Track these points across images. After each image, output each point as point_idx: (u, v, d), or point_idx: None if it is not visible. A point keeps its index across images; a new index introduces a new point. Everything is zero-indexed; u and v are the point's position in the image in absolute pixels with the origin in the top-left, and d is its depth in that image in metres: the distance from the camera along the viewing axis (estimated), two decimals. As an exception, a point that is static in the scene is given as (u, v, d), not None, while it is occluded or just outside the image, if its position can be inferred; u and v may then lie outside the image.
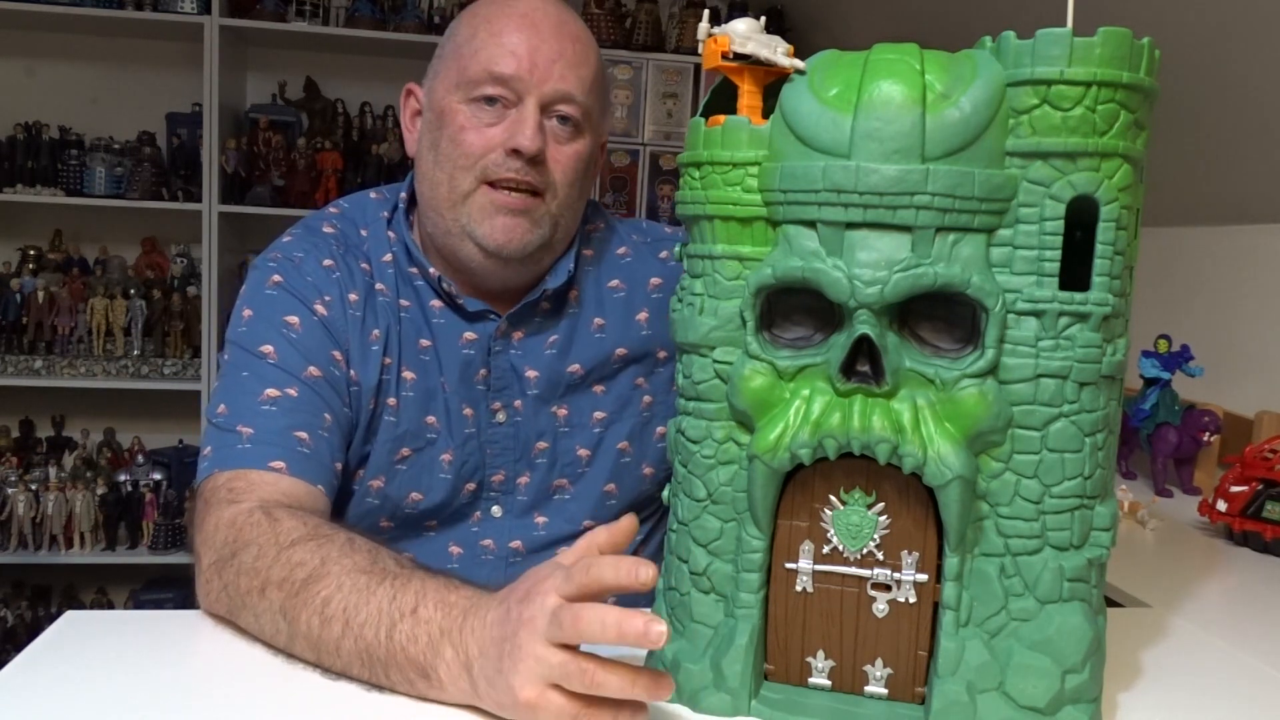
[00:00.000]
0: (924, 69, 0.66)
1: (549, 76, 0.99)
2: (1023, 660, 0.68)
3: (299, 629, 0.76)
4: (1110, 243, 0.66)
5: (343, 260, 1.04)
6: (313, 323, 1.00)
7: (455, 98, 1.01)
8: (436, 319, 1.06)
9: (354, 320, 1.02)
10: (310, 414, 0.96)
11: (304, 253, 1.04)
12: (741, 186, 0.70)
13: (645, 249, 1.17)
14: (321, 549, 0.79)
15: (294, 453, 0.93)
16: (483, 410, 1.07)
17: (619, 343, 1.12)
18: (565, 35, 1.01)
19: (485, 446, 1.08)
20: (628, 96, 3.01)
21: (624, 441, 1.12)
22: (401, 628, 0.71)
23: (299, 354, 0.98)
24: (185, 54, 2.93)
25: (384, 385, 1.03)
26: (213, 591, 0.84)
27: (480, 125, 1.00)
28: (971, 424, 0.66)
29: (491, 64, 0.99)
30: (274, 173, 2.93)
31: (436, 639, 0.70)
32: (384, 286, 1.05)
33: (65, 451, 2.98)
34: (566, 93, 1.00)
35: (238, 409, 0.95)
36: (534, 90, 0.99)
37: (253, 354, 0.98)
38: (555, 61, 0.99)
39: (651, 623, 0.62)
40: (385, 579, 0.75)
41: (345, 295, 1.03)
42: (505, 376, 1.08)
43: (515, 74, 0.99)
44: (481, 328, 1.07)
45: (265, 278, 1.03)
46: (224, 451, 0.93)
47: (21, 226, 2.99)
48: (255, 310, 1.01)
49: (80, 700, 0.71)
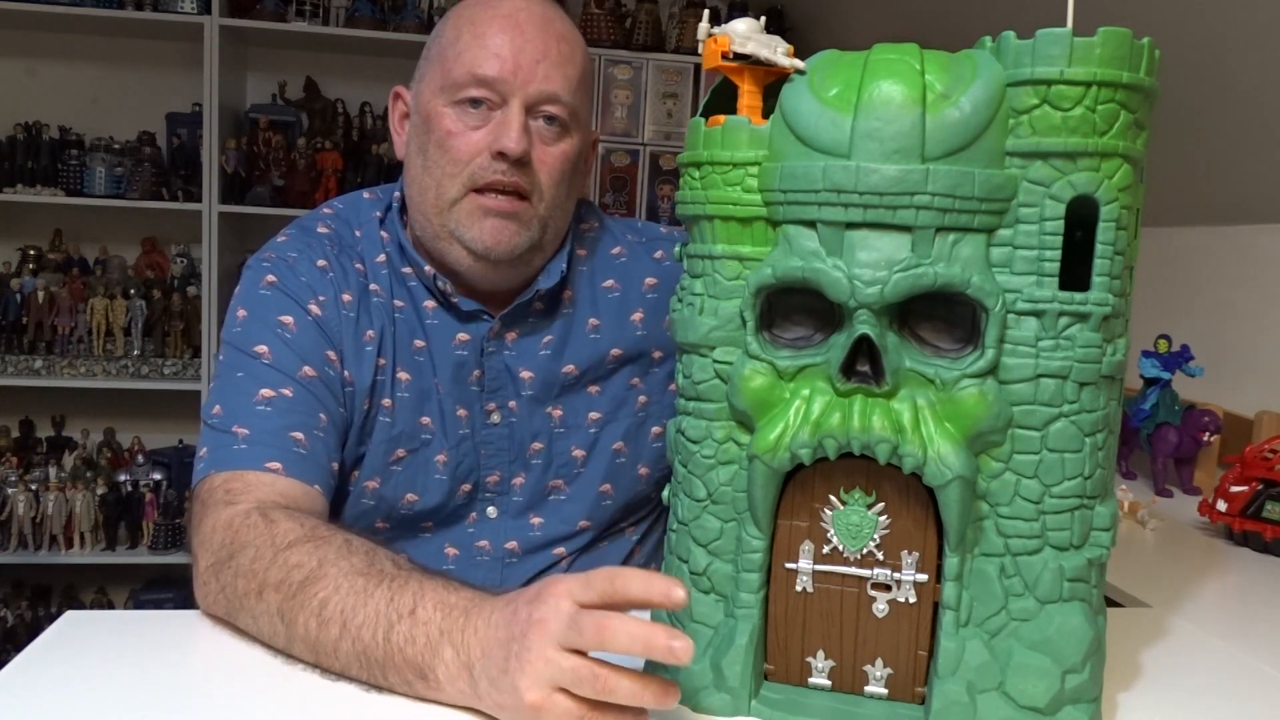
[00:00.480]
0: (924, 69, 0.66)
1: (533, 77, 0.98)
2: (1023, 660, 0.68)
3: (297, 631, 0.76)
4: (1110, 243, 0.66)
5: (336, 261, 1.04)
6: (307, 323, 1.00)
7: (440, 101, 1.01)
8: (430, 319, 1.06)
9: (348, 321, 1.02)
10: (306, 414, 0.96)
11: (298, 253, 1.04)
12: (741, 186, 0.70)
13: (640, 249, 1.16)
14: (318, 550, 0.79)
15: (290, 453, 0.93)
16: (477, 411, 1.07)
17: (614, 343, 1.11)
18: (550, 35, 1.00)
19: (480, 447, 1.07)
20: (628, 96, 3.01)
21: (619, 442, 1.12)
22: (399, 629, 0.71)
23: (294, 354, 0.98)
24: (185, 54, 2.93)
25: (378, 386, 1.03)
26: (211, 593, 0.84)
27: (465, 129, 0.99)
28: (971, 424, 0.66)
29: (475, 66, 0.98)
30: (274, 173, 2.93)
31: (436, 640, 0.70)
32: (378, 287, 1.05)
33: (65, 451, 2.98)
34: (551, 93, 1.00)
35: (233, 410, 0.95)
36: (518, 91, 0.98)
37: (247, 354, 0.98)
38: (540, 62, 0.99)
39: (676, 638, 0.62)
40: (383, 580, 0.75)
41: (339, 296, 1.02)
42: (499, 377, 1.07)
43: (499, 75, 0.98)
44: (475, 328, 1.06)
45: (259, 278, 1.02)
46: (220, 452, 0.93)
47: (21, 226, 2.99)
48: (250, 310, 1.01)
49: (80, 700, 0.71)
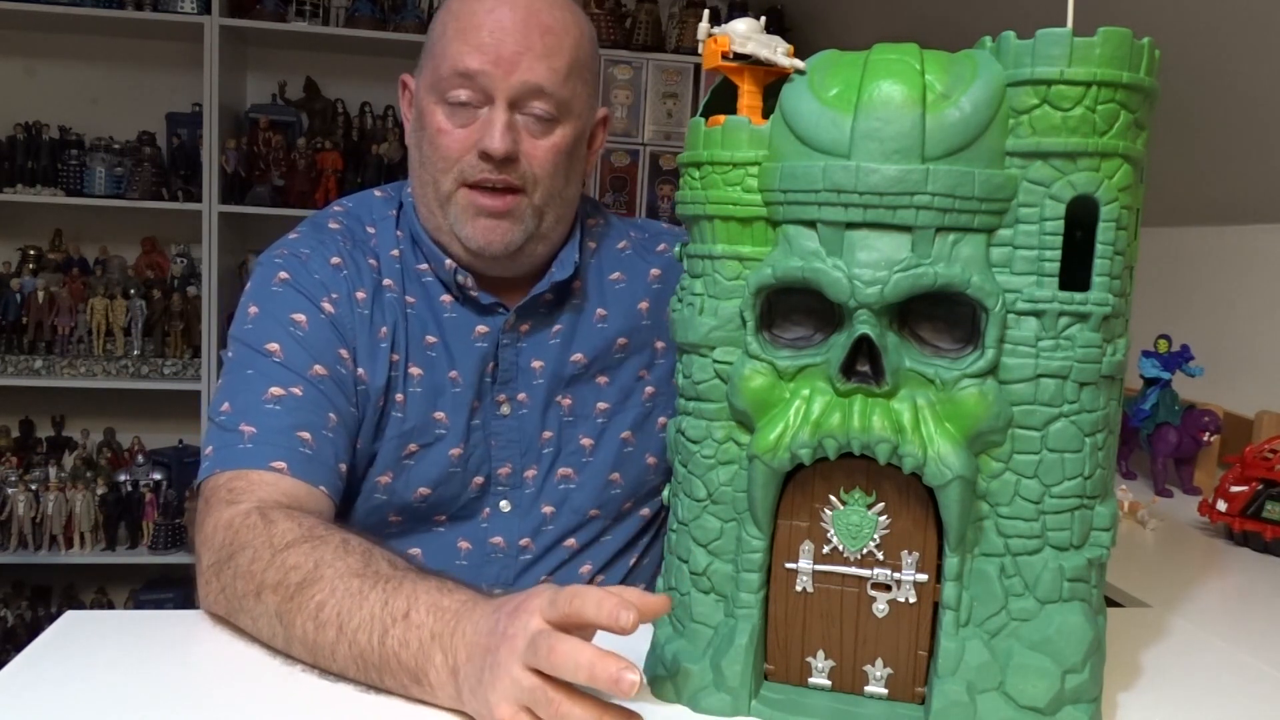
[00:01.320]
0: (924, 69, 0.66)
1: (515, 71, 0.97)
2: (1023, 660, 0.68)
3: (294, 633, 0.76)
4: (1110, 243, 0.66)
5: (350, 257, 1.04)
6: (320, 321, 1.00)
7: (432, 98, 1.01)
8: (448, 314, 1.06)
9: (362, 319, 1.02)
10: (315, 414, 0.96)
11: (311, 249, 1.04)
12: (741, 186, 0.70)
13: (643, 243, 1.17)
14: (315, 552, 0.79)
15: (296, 453, 0.92)
16: (488, 403, 1.07)
17: (620, 331, 1.12)
18: (533, 26, 0.98)
19: (490, 439, 1.07)
20: (628, 96, 3.01)
21: (627, 431, 1.12)
22: (394, 633, 0.71)
23: (306, 352, 0.98)
24: (185, 54, 2.93)
25: (392, 382, 1.03)
26: (211, 593, 0.85)
27: (454, 127, 0.99)
28: (971, 424, 0.66)
29: (458, 62, 0.98)
30: (274, 173, 2.93)
31: (428, 643, 0.70)
32: (391, 282, 1.05)
33: (65, 451, 2.98)
34: (535, 86, 0.98)
35: (241, 407, 0.94)
36: (501, 87, 0.97)
37: (258, 352, 0.97)
38: (522, 55, 0.97)
39: (625, 670, 0.61)
40: (378, 583, 0.75)
41: (353, 294, 1.02)
42: (510, 369, 1.08)
43: (480, 70, 0.97)
44: (492, 321, 1.06)
45: (272, 274, 1.02)
46: (226, 451, 0.92)
47: (21, 226, 2.99)
48: (261, 307, 1.00)
49: (80, 700, 0.71)
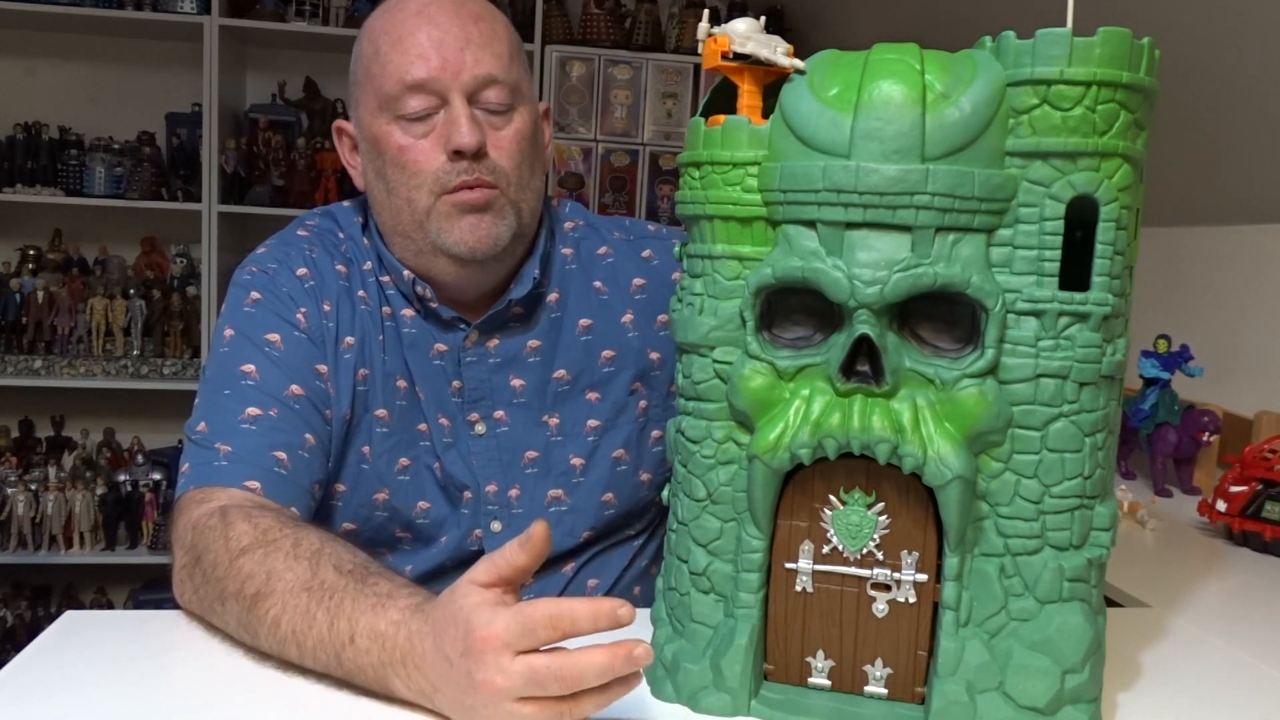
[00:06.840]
0: (924, 69, 0.66)
1: (463, 66, 0.96)
2: (1023, 660, 0.68)
3: (261, 644, 0.78)
4: (1110, 243, 0.66)
5: (315, 266, 1.03)
6: (295, 339, 0.99)
7: (383, 120, 0.98)
8: (408, 328, 1.04)
9: (329, 331, 1.01)
10: (290, 434, 0.95)
11: (278, 263, 1.03)
12: (741, 186, 0.70)
13: (627, 247, 1.14)
14: (266, 561, 0.78)
15: (270, 473, 0.92)
16: (460, 422, 1.05)
17: (606, 345, 1.09)
18: (465, 18, 0.98)
19: (470, 458, 1.06)
20: (628, 96, 3.01)
21: (620, 449, 1.10)
22: (346, 655, 0.72)
23: (281, 373, 0.97)
24: (185, 54, 2.93)
25: (362, 395, 1.02)
26: (186, 592, 0.86)
27: (415, 139, 0.97)
28: (971, 424, 0.66)
29: (404, 74, 0.96)
30: (273, 173, 2.93)
31: (381, 671, 0.70)
32: (365, 294, 1.04)
33: (65, 451, 2.98)
34: (487, 75, 0.97)
35: (217, 427, 0.94)
36: (454, 85, 0.96)
37: (234, 373, 0.97)
38: (465, 49, 0.96)
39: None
40: (323, 600, 0.74)
41: (320, 305, 1.01)
42: (481, 387, 1.05)
43: (430, 75, 0.96)
44: (452, 338, 1.05)
45: (244, 295, 1.01)
46: (201, 469, 0.92)
47: (21, 226, 2.99)
48: (236, 329, 1.00)
49: (80, 700, 0.71)
